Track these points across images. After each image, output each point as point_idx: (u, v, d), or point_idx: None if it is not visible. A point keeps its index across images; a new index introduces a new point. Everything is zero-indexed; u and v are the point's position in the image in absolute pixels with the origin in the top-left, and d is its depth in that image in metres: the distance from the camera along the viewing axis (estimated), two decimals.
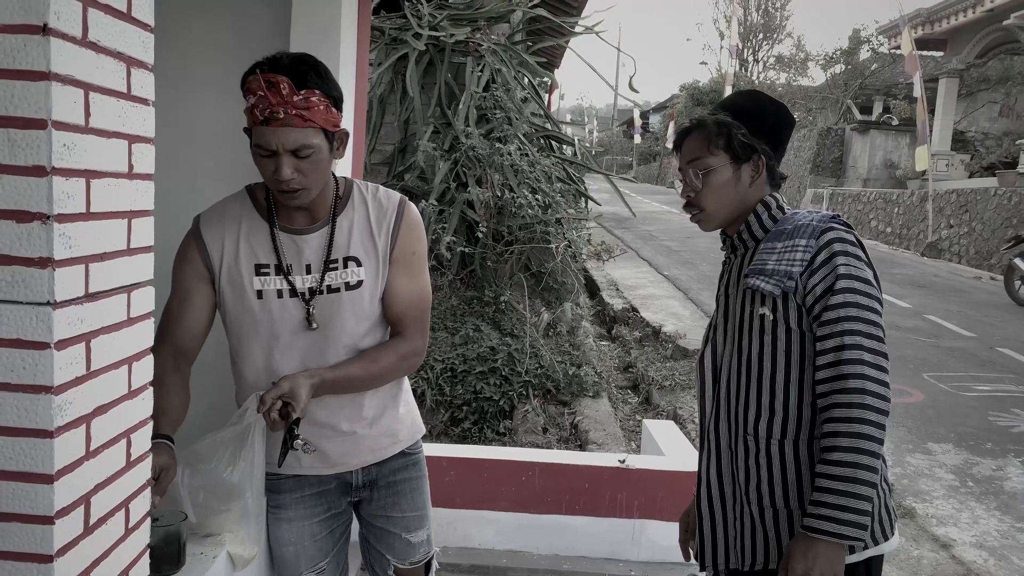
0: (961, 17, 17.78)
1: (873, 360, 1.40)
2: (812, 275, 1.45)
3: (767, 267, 1.51)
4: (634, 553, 3.18)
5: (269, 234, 1.63)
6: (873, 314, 1.43)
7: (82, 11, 0.97)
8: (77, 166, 0.98)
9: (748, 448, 1.53)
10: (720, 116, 1.57)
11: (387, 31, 6.39)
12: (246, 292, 1.62)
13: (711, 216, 1.60)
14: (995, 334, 7.83)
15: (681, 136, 1.64)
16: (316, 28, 2.39)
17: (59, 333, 0.96)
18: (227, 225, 1.63)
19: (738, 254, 1.63)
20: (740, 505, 1.56)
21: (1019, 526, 3.89)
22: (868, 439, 1.38)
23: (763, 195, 1.59)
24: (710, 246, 13.71)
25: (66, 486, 0.99)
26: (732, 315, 1.59)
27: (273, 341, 1.63)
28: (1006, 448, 4.96)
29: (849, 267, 1.45)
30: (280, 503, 1.75)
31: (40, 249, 0.94)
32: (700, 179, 1.57)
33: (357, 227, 1.66)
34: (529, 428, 5.07)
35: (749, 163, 1.56)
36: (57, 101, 0.93)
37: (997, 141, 16.51)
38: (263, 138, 1.49)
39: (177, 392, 1.61)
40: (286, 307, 1.62)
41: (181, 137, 2.48)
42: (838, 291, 1.43)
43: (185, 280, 1.64)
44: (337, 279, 1.63)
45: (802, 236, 1.49)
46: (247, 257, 1.62)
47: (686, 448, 3.51)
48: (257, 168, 1.55)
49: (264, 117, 1.47)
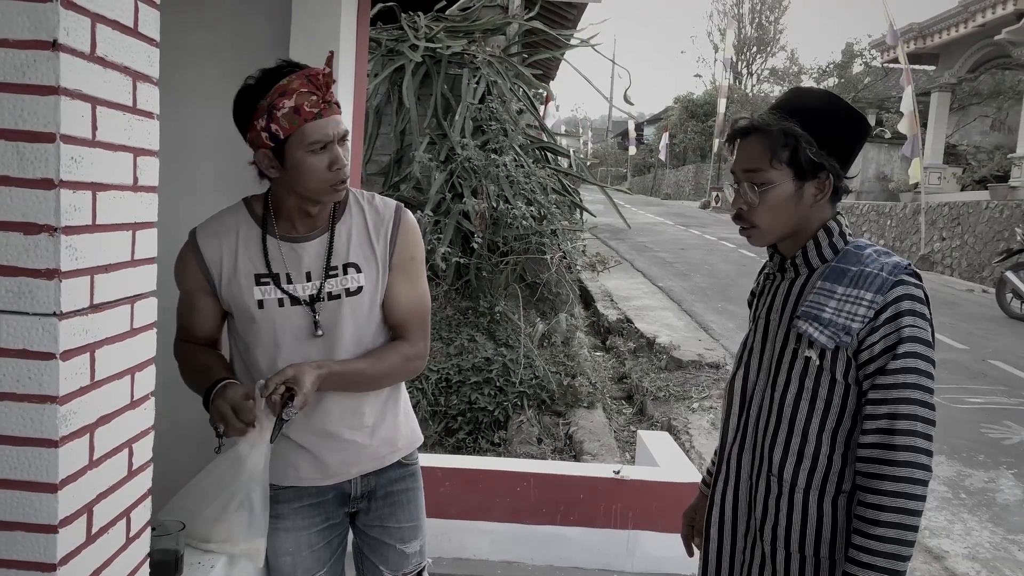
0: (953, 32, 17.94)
1: (924, 431, 1.33)
2: (873, 332, 1.34)
3: (824, 315, 1.37)
4: (628, 564, 3.19)
5: (263, 245, 1.63)
6: (930, 380, 1.34)
7: (91, 27, 0.99)
8: (84, 179, 1.00)
9: (771, 488, 1.45)
10: (789, 125, 1.38)
11: (384, 42, 6.42)
12: (246, 302, 1.62)
13: (764, 233, 1.45)
14: (987, 346, 7.87)
15: (737, 134, 1.45)
16: (315, 40, 2.41)
17: (65, 344, 0.97)
18: (224, 237, 1.63)
19: (787, 277, 1.48)
20: (753, 539, 1.49)
21: (1011, 538, 3.91)
22: (912, 515, 1.30)
23: (825, 216, 1.44)
24: (704, 257, 13.76)
25: (70, 495, 1.00)
26: (772, 344, 1.46)
27: (276, 350, 1.63)
28: (998, 460, 4.98)
29: (915, 329, 1.33)
30: (278, 513, 1.74)
31: (47, 261, 0.95)
32: (757, 194, 1.40)
33: (356, 233, 1.66)
34: (524, 439, 5.07)
35: (815, 180, 1.40)
36: (65, 115, 0.95)
37: (989, 155, 16.66)
38: (320, 131, 1.50)
39: (212, 354, 1.69)
40: (288, 315, 1.62)
41: (180, 148, 2.50)
42: (900, 355, 1.32)
43: (188, 291, 1.68)
44: (337, 286, 1.63)
45: (869, 289, 1.35)
46: (245, 267, 1.62)
47: (681, 459, 3.52)
48: (303, 171, 1.52)
49: (317, 111, 1.49)
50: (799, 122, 1.38)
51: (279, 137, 1.50)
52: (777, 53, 34.88)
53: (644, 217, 20.96)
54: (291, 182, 1.55)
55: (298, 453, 1.69)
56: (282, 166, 1.53)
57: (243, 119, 1.56)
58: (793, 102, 1.45)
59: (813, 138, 1.37)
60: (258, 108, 1.50)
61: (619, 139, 44.13)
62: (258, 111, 1.50)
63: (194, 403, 2.56)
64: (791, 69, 31.26)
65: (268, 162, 1.55)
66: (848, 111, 1.44)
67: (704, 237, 17.30)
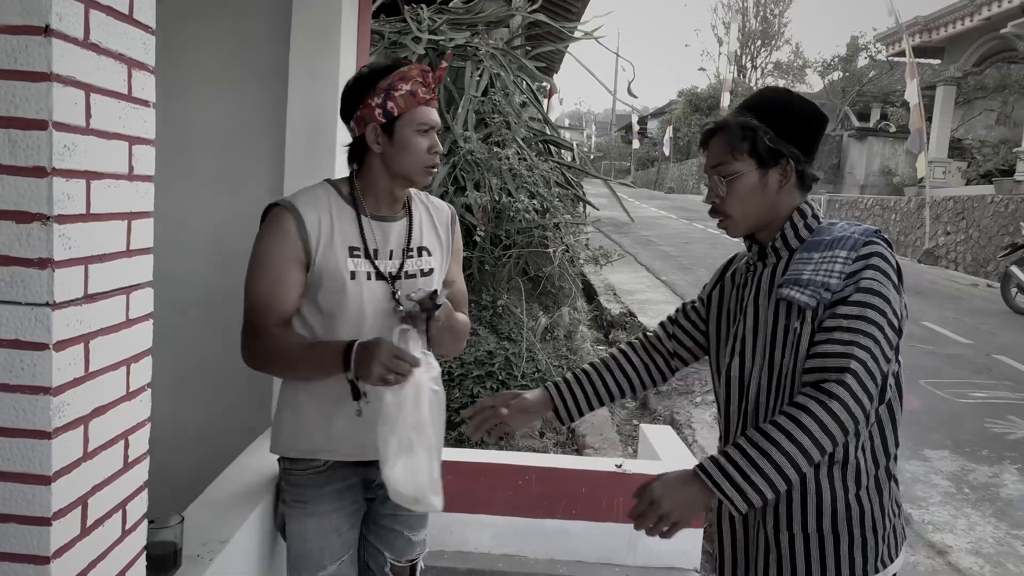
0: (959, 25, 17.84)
1: (863, 377, 1.32)
2: (846, 286, 1.38)
3: (802, 277, 1.43)
4: (630, 558, 3.18)
5: (357, 219, 1.72)
6: (878, 331, 1.34)
7: (84, 13, 0.98)
8: (77, 167, 0.98)
9: None
10: (744, 118, 1.48)
11: (387, 35, 6.39)
12: (341, 272, 1.68)
13: (737, 223, 1.53)
14: (992, 341, 7.84)
15: (706, 137, 1.56)
16: (316, 32, 2.40)
17: (58, 334, 0.96)
18: (319, 208, 1.69)
19: (768, 263, 1.54)
20: (757, 526, 1.52)
21: (1015, 533, 3.90)
22: (816, 445, 1.31)
23: (795, 201, 1.51)
24: (707, 252, 13.74)
25: (63, 487, 0.99)
26: (763, 327, 1.50)
27: (361, 321, 1.69)
28: (1002, 455, 4.96)
29: (873, 282, 1.37)
30: (306, 498, 1.77)
31: (40, 250, 0.94)
32: (724, 185, 1.49)
33: (425, 222, 1.84)
34: (526, 432, 5.06)
35: (776, 167, 1.48)
36: (58, 102, 0.94)
37: (994, 149, 16.57)
38: (428, 116, 1.69)
39: (299, 334, 1.72)
40: (373, 289, 1.71)
41: (180, 138, 2.49)
42: (850, 302, 1.36)
43: (281, 261, 1.66)
44: (414, 266, 1.77)
45: (843, 248, 1.42)
46: (340, 238, 1.69)
47: (683, 453, 3.51)
48: (408, 147, 1.67)
49: (428, 98, 1.68)
50: (755, 115, 1.48)
51: (392, 114, 1.66)
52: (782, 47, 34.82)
53: (647, 211, 20.92)
54: (392, 158, 1.69)
55: (340, 429, 1.73)
56: (389, 141, 1.68)
57: (356, 98, 1.70)
58: (752, 100, 1.56)
59: (769, 127, 1.46)
60: (377, 88, 1.66)
61: (623, 133, 44.03)
62: (376, 90, 1.66)
63: (195, 398, 2.57)
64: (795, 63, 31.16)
65: (375, 136, 1.68)
66: (799, 99, 1.54)
67: (708, 231, 17.26)
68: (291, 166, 2.43)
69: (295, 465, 1.77)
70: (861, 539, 1.44)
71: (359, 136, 1.71)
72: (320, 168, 2.42)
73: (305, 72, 2.41)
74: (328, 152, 2.42)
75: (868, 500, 1.45)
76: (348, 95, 1.73)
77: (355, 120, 1.71)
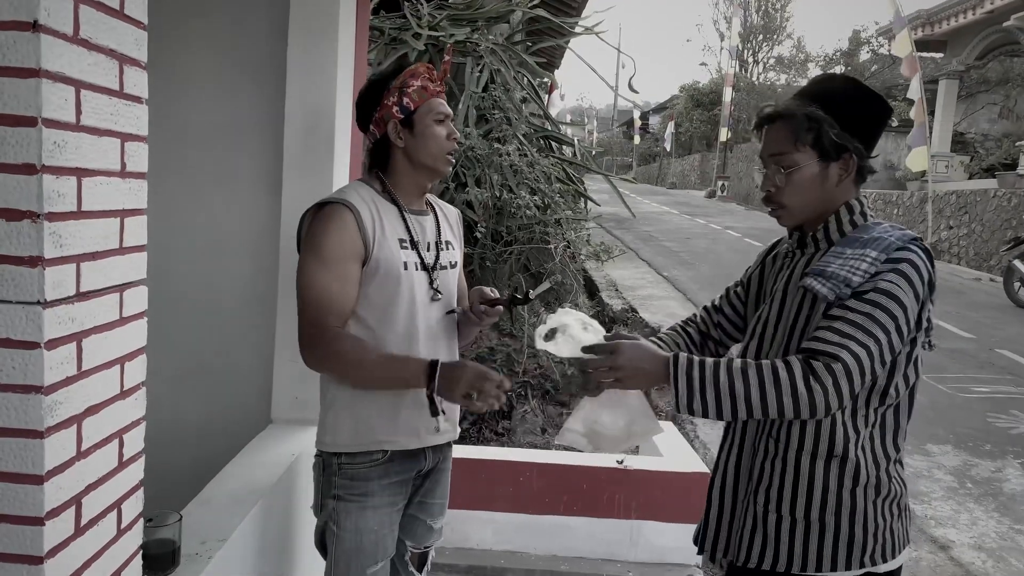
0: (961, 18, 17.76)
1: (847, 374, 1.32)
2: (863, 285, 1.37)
3: (828, 270, 1.41)
4: (632, 554, 3.17)
5: (400, 213, 1.78)
6: (880, 332, 1.33)
7: (73, 8, 0.97)
8: (68, 164, 0.98)
9: (768, 450, 1.50)
10: (810, 109, 1.44)
11: (387, 31, 6.38)
12: (396, 263, 1.73)
13: (792, 213, 1.51)
14: (994, 335, 7.82)
15: (763, 122, 1.52)
16: (314, 28, 2.39)
17: (49, 332, 0.95)
18: (368, 204, 1.74)
19: (806, 252, 1.53)
20: (747, 502, 1.54)
21: (1017, 527, 3.88)
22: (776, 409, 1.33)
23: (849, 195, 1.49)
24: (709, 247, 13.71)
25: (56, 487, 0.99)
26: (787, 315, 1.50)
27: (413, 309, 1.76)
28: (1005, 450, 4.95)
29: (892, 286, 1.35)
30: (367, 491, 1.76)
31: (30, 248, 0.93)
32: (784, 176, 1.47)
33: (443, 219, 1.92)
34: (527, 428, 5.06)
35: (838, 162, 1.45)
36: (47, 98, 0.93)
37: (997, 143, 16.50)
38: (442, 106, 1.79)
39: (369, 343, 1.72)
40: (419, 279, 1.78)
41: (178, 136, 2.48)
42: (864, 300, 1.35)
43: (342, 259, 1.68)
44: (445, 259, 1.85)
45: (875, 248, 1.39)
46: (391, 231, 1.75)
47: (685, 449, 3.50)
48: (429, 137, 1.75)
49: (438, 90, 1.79)
50: (821, 106, 1.44)
51: (409, 109, 1.75)
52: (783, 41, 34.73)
53: (649, 206, 20.89)
54: (416, 150, 1.76)
55: (404, 418, 1.75)
56: (411, 134, 1.75)
57: (371, 102, 1.78)
58: (816, 88, 1.51)
59: (835, 121, 1.43)
60: (390, 88, 1.75)
61: (624, 128, 43.96)
62: (390, 91, 1.75)
63: (193, 395, 2.56)
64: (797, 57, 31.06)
65: (397, 131, 1.76)
66: (868, 93, 1.49)
67: (710, 226, 17.23)
68: (289, 163, 2.42)
69: (354, 459, 1.75)
70: (848, 534, 1.44)
71: (381, 136, 1.78)
72: (319, 164, 2.41)
73: (303, 69, 2.40)
74: (326, 148, 2.41)
75: (863, 498, 1.44)
76: (362, 103, 1.81)
77: (374, 123, 1.78)
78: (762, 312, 1.59)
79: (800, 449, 1.46)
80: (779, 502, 1.48)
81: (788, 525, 1.47)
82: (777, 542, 1.48)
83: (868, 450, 1.45)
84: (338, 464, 1.76)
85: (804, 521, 1.46)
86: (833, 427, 1.43)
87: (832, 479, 1.44)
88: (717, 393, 1.36)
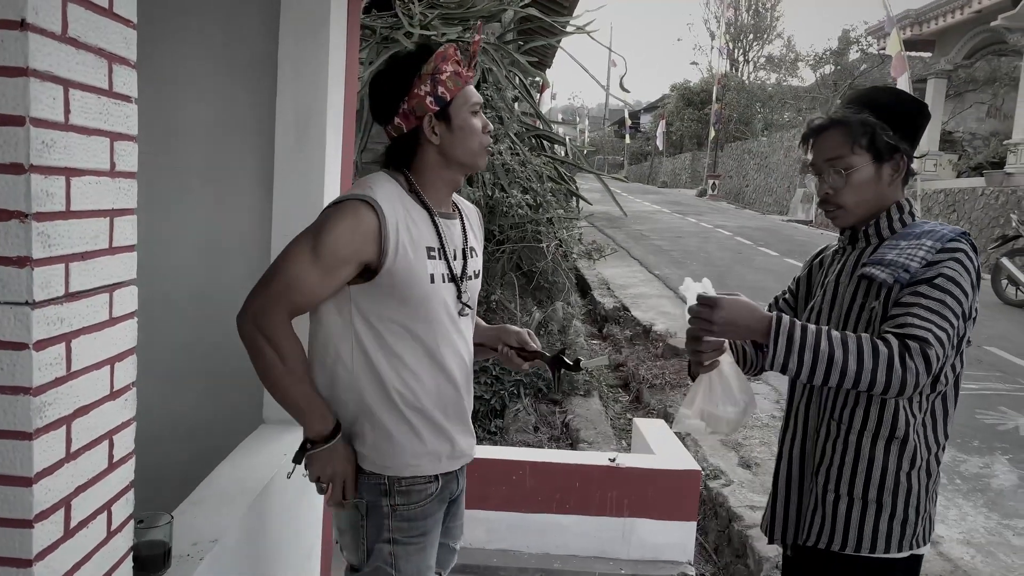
0: (949, 18, 17.87)
1: (934, 355, 1.38)
2: (924, 270, 1.47)
3: (886, 258, 1.53)
4: (624, 551, 3.18)
5: (430, 218, 1.60)
6: (952, 315, 1.43)
7: (62, 6, 0.96)
8: (57, 164, 0.97)
9: (829, 432, 1.58)
10: (865, 116, 1.57)
11: (378, 30, 6.36)
12: (422, 276, 1.55)
13: (849, 212, 1.61)
14: (982, 333, 7.87)
15: (815, 131, 1.63)
16: (305, 27, 2.37)
17: (38, 333, 0.95)
18: (395, 205, 1.55)
19: (857, 247, 1.64)
20: (810, 484, 1.62)
21: (1006, 523, 3.91)
22: (869, 380, 1.38)
23: (898, 194, 1.61)
24: (700, 245, 13.75)
25: (46, 489, 0.98)
26: (840, 303, 1.61)
27: (438, 325, 1.60)
28: (993, 446, 4.99)
29: (956, 273, 1.45)
30: (425, 529, 1.64)
31: (18, 248, 0.93)
32: (843, 178, 1.58)
33: (468, 222, 1.73)
34: (520, 427, 5.06)
35: (891, 162, 1.58)
36: (35, 97, 0.92)
37: (984, 141, 16.62)
38: (476, 94, 1.60)
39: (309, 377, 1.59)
40: (447, 291, 1.61)
41: (168, 135, 2.47)
42: (934, 284, 1.44)
43: (343, 259, 1.51)
44: (471, 267, 1.68)
45: (930, 238, 1.51)
46: (418, 239, 1.56)
47: (676, 447, 3.51)
48: (467, 131, 1.57)
49: (470, 75, 1.58)
50: (871, 112, 1.57)
51: (445, 100, 1.54)
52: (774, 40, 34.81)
53: (641, 205, 20.92)
54: (452, 146, 1.57)
55: (442, 439, 1.64)
56: (447, 129, 1.56)
57: (397, 91, 1.55)
58: (863, 97, 1.64)
59: (887, 124, 1.56)
60: (421, 75, 1.53)
61: (616, 127, 44.00)
62: (421, 78, 1.53)
63: (185, 395, 2.54)
64: (787, 56, 31.16)
65: (432, 126, 1.55)
66: (912, 100, 1.65)
67: (700, 225, 17.27)
68: (280, 162, 2.41)
69: (409, 499, 1.61)
70: (903, 515, 1.53)
71: (411, 131, 1.57)
72: (310, 164, 2.40)
73: (294, 68, 2.39)
74: (318, 148, 2.40)
75: (918, 481, 1.54)
76: (385, 90, 1.58)
77: (401, 115, 1.56)
78: (814, 303, 1.68)
79: (863, 430, 1.54)
80: (838, 481, 1.56)
81: (845, 505, 1.56)
82: (834, 521, 1.57)
83: (922, 435, 1.54)
84: (391, 507, 1.61)
85: (861, 500, 1.54)
86: (896, 409, 1.51)
87: (892, 460, 1.52)
88: (815, 356, 1.40)
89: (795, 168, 20.04)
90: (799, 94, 26.62)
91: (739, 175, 26.12)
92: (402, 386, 1.59)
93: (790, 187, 20.44)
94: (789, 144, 20.87)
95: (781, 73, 31.31)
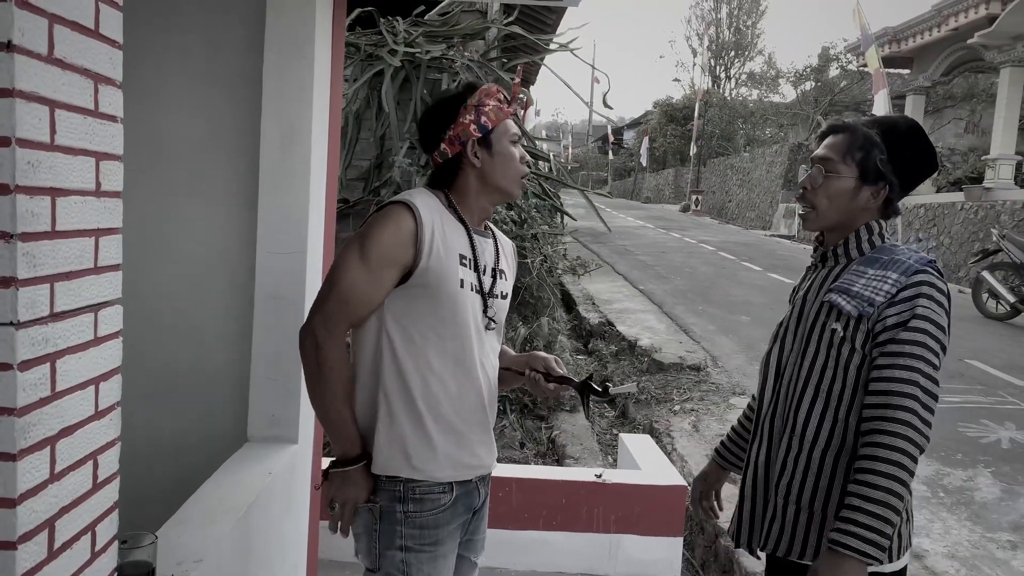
0: (927, 36, 18.18)
1: (925, 400, 1.45)
2: (891, 307, 1.51)
3: (852, 289, 1.57)
4: (611, 568, 3.18)
5: (466, 231, 1.71)
6: (935, 358, 1.48)
7: (48, 28, 0.96)
8: (42, 184, 0.97)
9: (791, 446, 1.63)
10: (872, 133, 1.61)
11: (363, 47, 6.39)
12: (452, 278, 1.63)
13: (820, 216, 1.65)
14: (964, 346, 7.95)
15: (829, 131, 1.68)
16: (290, 44, 2.39)
17: (22, 354, 0.94)
18: (433, 212, 1.65)
19: (827, 265, 1.69)
20: (772, 494, 1.67)
21: (989, 536, 3.94)
22: (905, 470, 1.43)
23: (870, 220, 1.64)
24: (685, 261, 13.83)
25: (29, 510, 0.97)
26: (805, 320, 1.66)
27: (466, 331, 1.66)
28: (976, 459, 5.03)
29: (928, 311, 1.49)
30: (438, 538, 1.66)
31: (3, 268, 0.92)
32: (822, 177, 1.62)
33: (502, 247, 1.83)
34: (506, 443, 5.05)
35: (873, 187, 1.61)
36: (21, 118, 0.92)
37: (963, 157, 16.88)
38: (514, 127, 1.74)
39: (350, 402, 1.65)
40: (474, 301, 1.68)
41: (153, 153, 2.46)
42: (911, 328, 1.48)
43: (387, 262, 1.59)
44: (500, 287, 1.76)
45: (895, 270, 1.55)
46: (451, 244, 1.65)
47: (662, 462, 3.52)
48: (506, 157, 1.70)
49: (511, 111, 1.74)
50: (881, 133, 1.62)
51: (488, 128, 1.69)
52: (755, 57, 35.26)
53: (625, 221, 21.03)
54: (492, 170, 1.70)
55: (459, 447, 1.67)
56: (488, 154, 1.70)
57: (444, 121, 1.71)
58: (887, 121, 1.69)
59: (887, 150, 1.60)
60: (467, 106, 1.70)
61: (599, 143, 44.30)
62: (467, 108, 1.69)
63: (170, 413, 2.52)
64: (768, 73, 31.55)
65: (474, 150, 1.69)
66: (926, 143, 1.67)
67: (684, 240, 17.38)
68: (265, 179, 2.42)
69: (422, 507, 1.64)
70: None
71: (455, 155, 1.70)
72: (294, 181, 2.40)
73: (279, 85, 2.39)
74: (302, 165, 2.41)
75: None
76: (434, 121, 1.73)
77: (447, 141, 1.70)
78: (784, 318, 1.75)
79: (824, 447, 1.59)
80: (799, 495, 1.61)
81: (805, 517, 1.60)
82: (793, 532, 1.62)
83: None
84: (404, 513, 1.64)
85: (821, 513, 1.58)
86: (848, 424, 1.56)
87: (841, 474, 1.56)
88: (886, 520, 1.43)
89: (777, 183, 20.24)
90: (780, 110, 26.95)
91: (722, 190, 26.34)
92: (426, 391, 1.63)
93: (772, 202, 20.64)
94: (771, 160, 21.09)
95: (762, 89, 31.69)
